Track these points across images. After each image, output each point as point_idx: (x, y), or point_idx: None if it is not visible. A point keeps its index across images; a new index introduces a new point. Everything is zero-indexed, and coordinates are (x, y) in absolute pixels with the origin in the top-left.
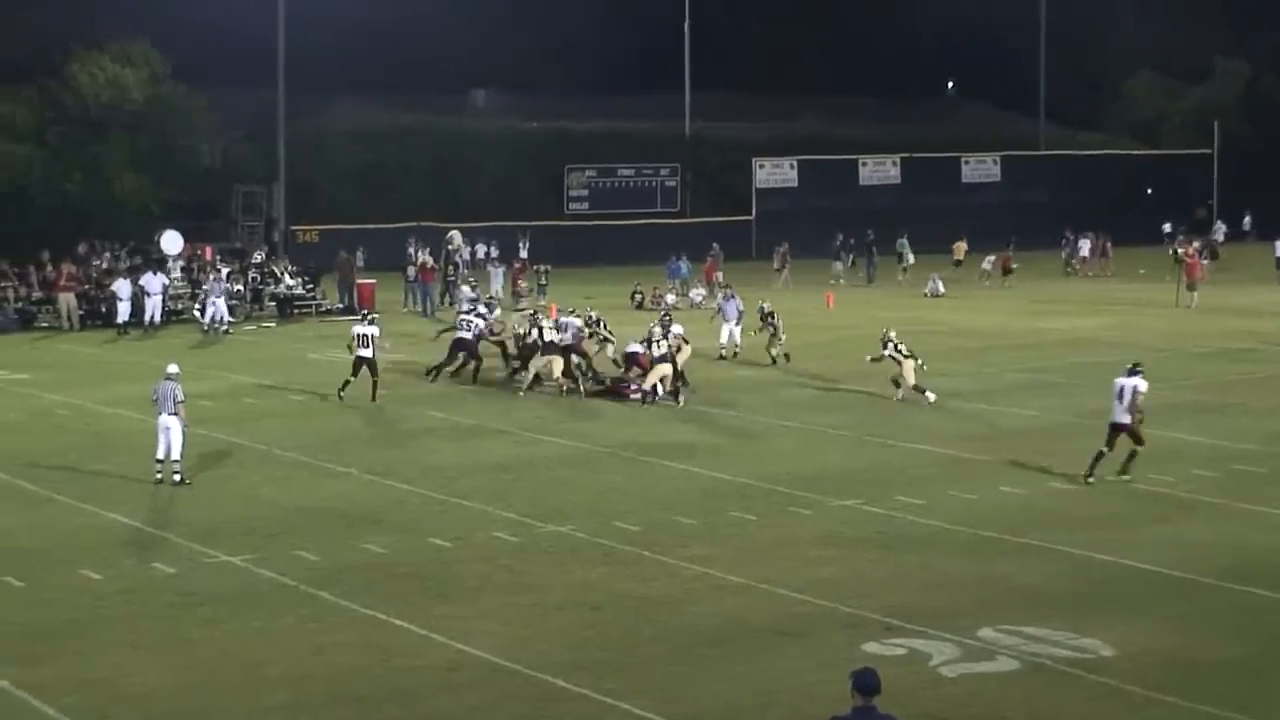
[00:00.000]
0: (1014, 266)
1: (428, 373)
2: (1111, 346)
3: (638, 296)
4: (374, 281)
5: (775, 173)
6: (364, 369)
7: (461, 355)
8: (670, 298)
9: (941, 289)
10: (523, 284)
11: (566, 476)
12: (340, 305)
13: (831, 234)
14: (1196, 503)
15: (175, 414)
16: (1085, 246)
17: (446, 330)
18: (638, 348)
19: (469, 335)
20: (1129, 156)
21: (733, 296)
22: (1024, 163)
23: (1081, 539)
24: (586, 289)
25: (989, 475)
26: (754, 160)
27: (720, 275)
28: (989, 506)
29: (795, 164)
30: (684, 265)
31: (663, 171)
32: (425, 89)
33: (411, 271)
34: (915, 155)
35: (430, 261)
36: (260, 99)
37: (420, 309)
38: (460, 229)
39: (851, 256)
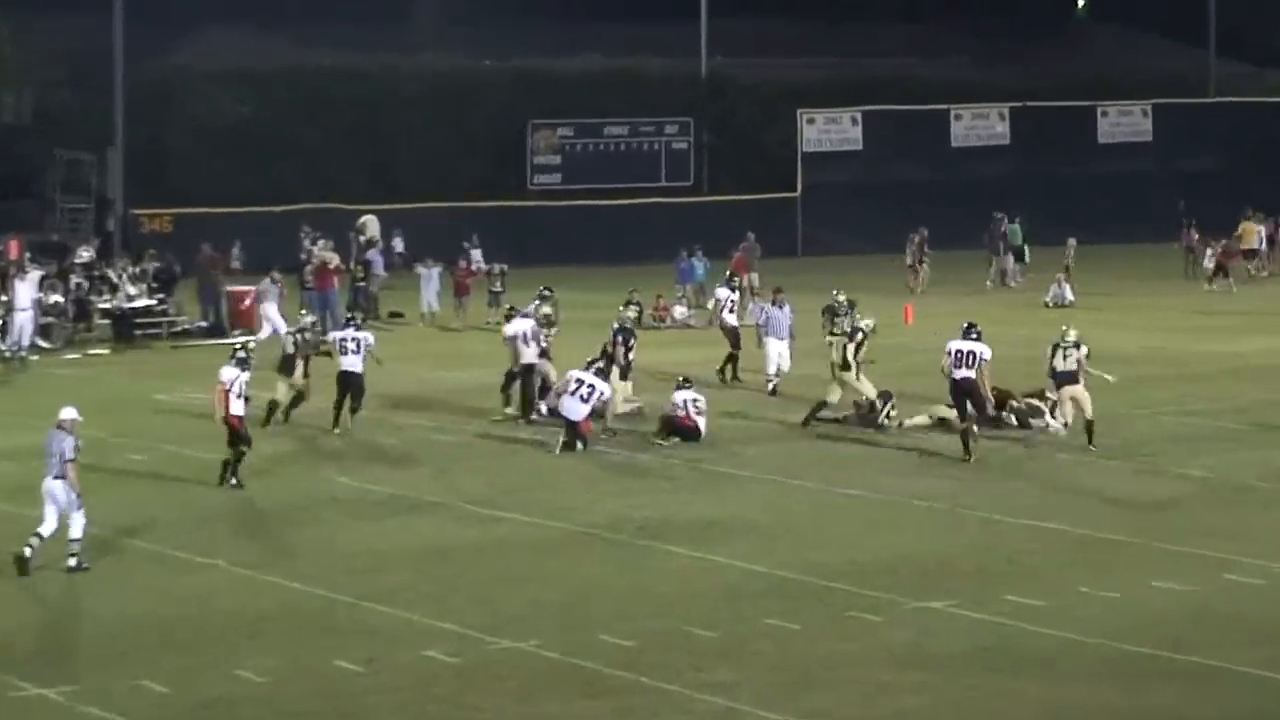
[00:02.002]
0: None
1: (269, 419)
2: None
3: (634, 309)
4: (253, 289)
5: (831, 130)
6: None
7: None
8: (680, 310)
9: (1069, 296)
10: (466, 298)
11: (530, 569)
12: (203, 323)
13: (913, 214)
14: None
15: (62, 476)
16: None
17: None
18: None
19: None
20: None
21: (784, 304)
22: (1186, 114)
23: (1275, 656)
24: (562, 299)
25: (1137, 564)
26: (800, 112)
27: (755, 277)
28: (1138, 609)
29: (859, 117)
30: (699, 264)
31: (669, 129)
32: (330, 16)
33: (309, 275)
34: (1031, 105)
35: (334, 260)
36: (87, 29)
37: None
38: (378, 213)
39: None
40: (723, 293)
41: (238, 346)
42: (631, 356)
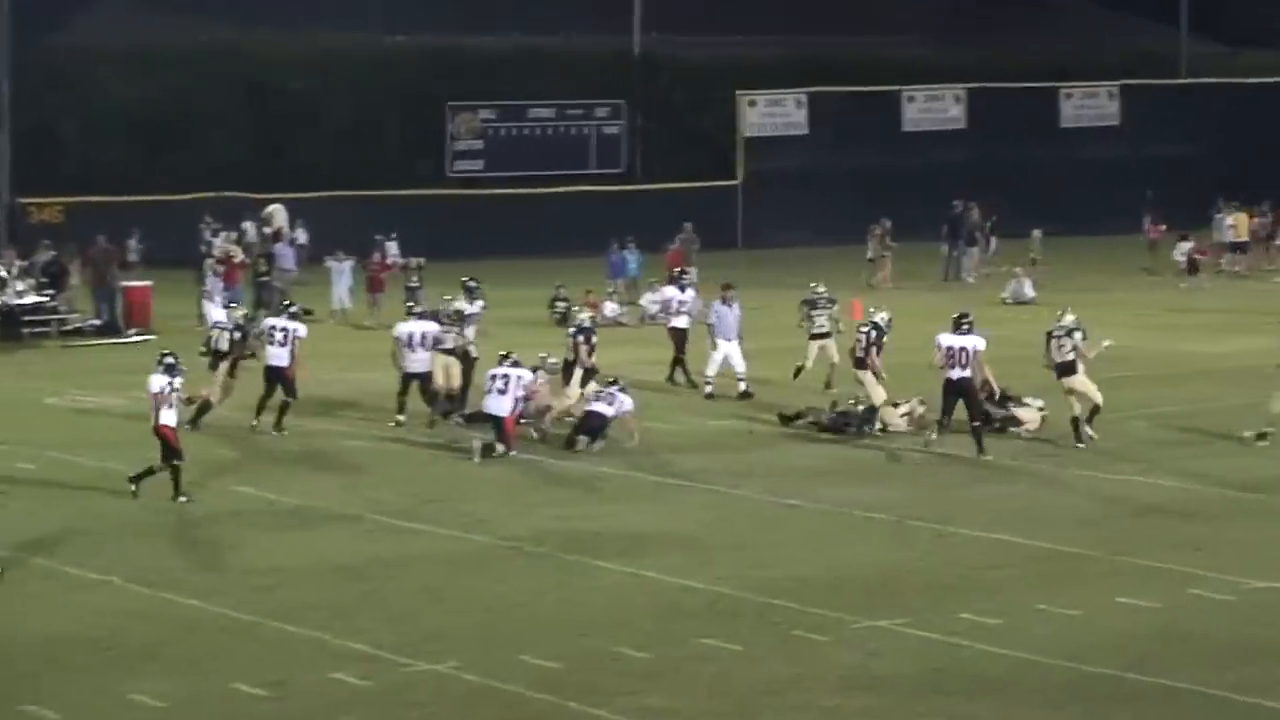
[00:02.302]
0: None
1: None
2: None
3: (560, 306)
4: (149, 284)
5: (774, 113)
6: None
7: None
8: (611, 307)
9: (1030, 292)
10: (380, 295)
11: (448, 585)
12: (97, 321)
13: (861, 204)
14: None
15: None
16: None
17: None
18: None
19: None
20: None
21: (733, 302)
22: (1156, 96)
23: (1245, 678)
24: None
25: (1100, 579)
26: (740, 94)
27: (693, 272)
28: (1099, 628)
29: (804, 99)
30: (632, 257)
31: (599, 112)
32: None
33: (211, 268)
34: (990, 86)
35: (236, 253)
36: None
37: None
38: (284, 201)
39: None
40: (671, 291)
41: (165, 352)
42: (594, 359)
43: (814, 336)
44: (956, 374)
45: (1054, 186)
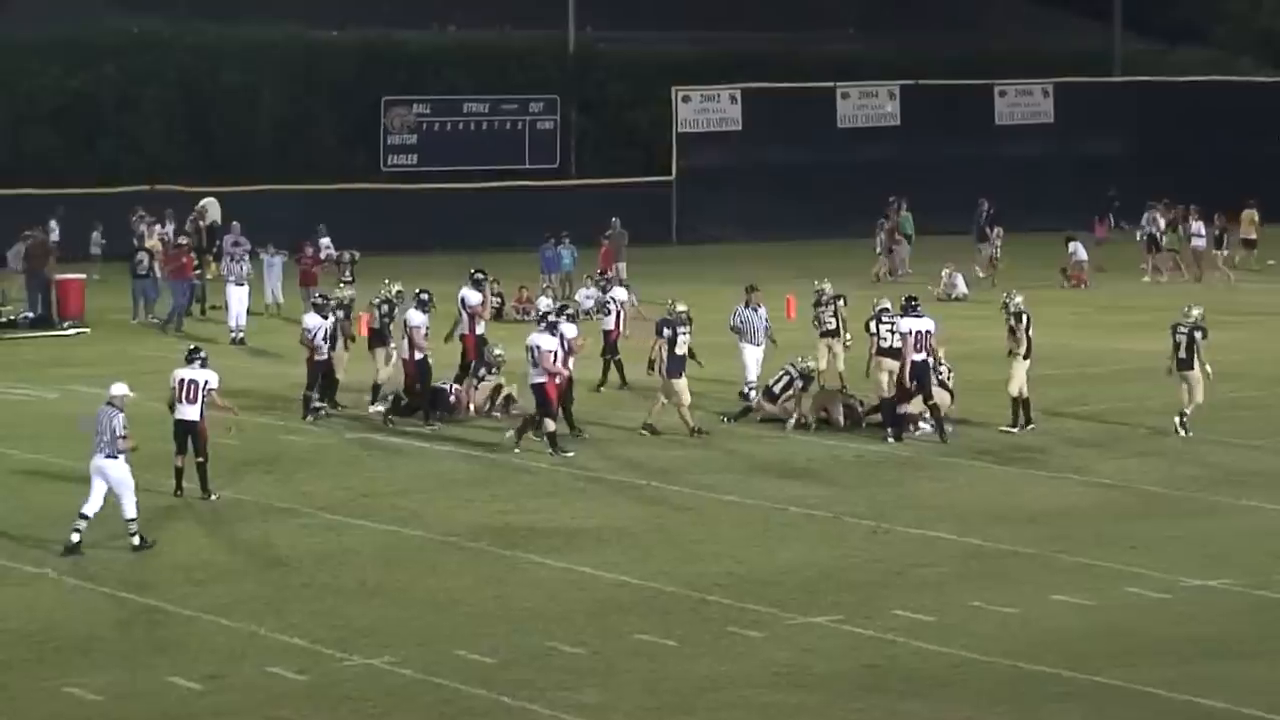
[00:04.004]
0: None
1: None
2: (1230, 380)
3: (495, 300)
4: (82, 277)
5: (708, 108)
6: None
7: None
8: (545, 301)
9: (963, 288)
10: (313, 289)
11: (383, 580)
12: (29, 314)
13: (798, 199)
14: None
15: (115, 455)
16: (1199, 230)
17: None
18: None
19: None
20: (1254, 86)
21: (758, 306)
22: (1090, 94)
23: (1180, 676)
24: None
25: (1035, 577)
26: (675, 90)
27: (623, 267)
28: (1035, 625)
29: (738, 95)
30: (566, 252)
31: (534, 107)
32: None
33: (143, 261)
34: (924, 83)
35: (181, 244)
36: None
37: (163, 319)
38: (217, 195)
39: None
40: (620, 294)
41: (194, 348)
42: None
43: (824, 335)
44: (919, 356)
45: (986, 183)
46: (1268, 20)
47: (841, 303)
